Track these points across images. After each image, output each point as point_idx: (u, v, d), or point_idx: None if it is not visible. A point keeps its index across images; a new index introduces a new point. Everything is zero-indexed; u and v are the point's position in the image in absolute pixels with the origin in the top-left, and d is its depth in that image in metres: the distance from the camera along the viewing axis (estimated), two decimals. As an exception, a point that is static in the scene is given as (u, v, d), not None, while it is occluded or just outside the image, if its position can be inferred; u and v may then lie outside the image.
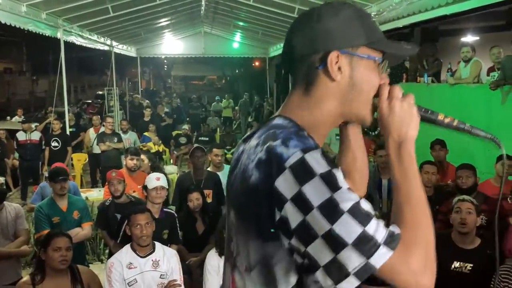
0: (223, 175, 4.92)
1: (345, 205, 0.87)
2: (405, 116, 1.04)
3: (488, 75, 7.11)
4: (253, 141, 1.04)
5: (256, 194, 0.94)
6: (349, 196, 0.88)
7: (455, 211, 2.99)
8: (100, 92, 22.16)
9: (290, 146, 0.93)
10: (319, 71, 1.04)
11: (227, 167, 5.19)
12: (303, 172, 0.89)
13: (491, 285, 2.73)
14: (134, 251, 3.36)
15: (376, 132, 8.13)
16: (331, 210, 0.87)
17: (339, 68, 1.03)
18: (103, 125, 8.93)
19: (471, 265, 2.91)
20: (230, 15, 11.95)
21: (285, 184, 0.89)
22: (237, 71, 28.00)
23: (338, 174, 0.91)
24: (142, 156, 6.06)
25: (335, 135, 8.29)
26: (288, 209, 0.89)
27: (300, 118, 1.06)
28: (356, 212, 0.87)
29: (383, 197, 4.82)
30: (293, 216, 0.89)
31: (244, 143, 1.10)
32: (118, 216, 4.18)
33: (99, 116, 10.46)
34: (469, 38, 10.47)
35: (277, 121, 1.07)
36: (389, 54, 1.10)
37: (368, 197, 4.16)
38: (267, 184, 0.91)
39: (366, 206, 0.90)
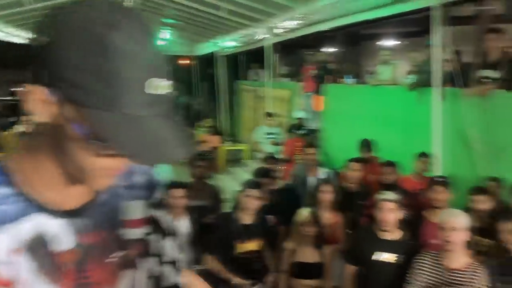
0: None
1: None
2: None
3: (405, 77, 7.57)
4: None
5: None
6: None
7: (378, 209, 3.15)
8: (16, 89, 20.77)
9: None
10: None
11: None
12: None
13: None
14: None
15: (303, 131, 8.36)
16: None
17: (43, 105, 0.70)
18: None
19: (396, 255, 3.10)
20: (158, 12, 11.73)
21: None
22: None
23: None
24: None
25: (265, 134, 8.43)
26: None
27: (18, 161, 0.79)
28: None
29: (307, 193, 4.97)
30: None
31: None
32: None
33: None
34: (389, 42, 11.07)
35: None
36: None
37: (294, 191, 4.22)
38: None
39: None
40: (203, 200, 4.21)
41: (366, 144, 5.15)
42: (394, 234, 3.16)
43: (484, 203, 3.54)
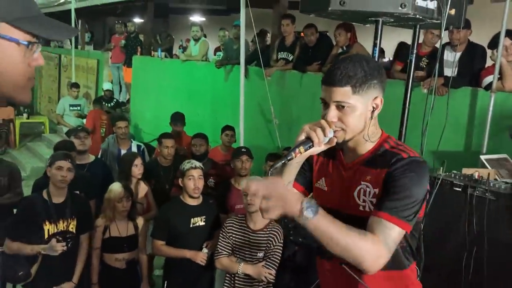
0: None
1: None
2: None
3: (214, 54, 7.92)
4: None
5: None
6: None
7: (185, 178, 3.32)
8: None
9: None
10: None
11: None
12: None
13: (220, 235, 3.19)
14: None
15: (112, 104, 8.11)
16: None
17: None
18: None
19: (203, 217, 3.36)
20: None
21: None
22: None
23: None
24: None
25: (69, 106, 7.90)
26: None
27: None
28: None
29: (119, 166, 4.89)
30: None
31: None
32: None
33: None
34: (197, 18, 11.34)
35: None
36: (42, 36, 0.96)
37: (103, 166, 4.11)
38: None
39: None
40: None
41: (177, 118, 5.31)
42: (198, 200, 3.39)
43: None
